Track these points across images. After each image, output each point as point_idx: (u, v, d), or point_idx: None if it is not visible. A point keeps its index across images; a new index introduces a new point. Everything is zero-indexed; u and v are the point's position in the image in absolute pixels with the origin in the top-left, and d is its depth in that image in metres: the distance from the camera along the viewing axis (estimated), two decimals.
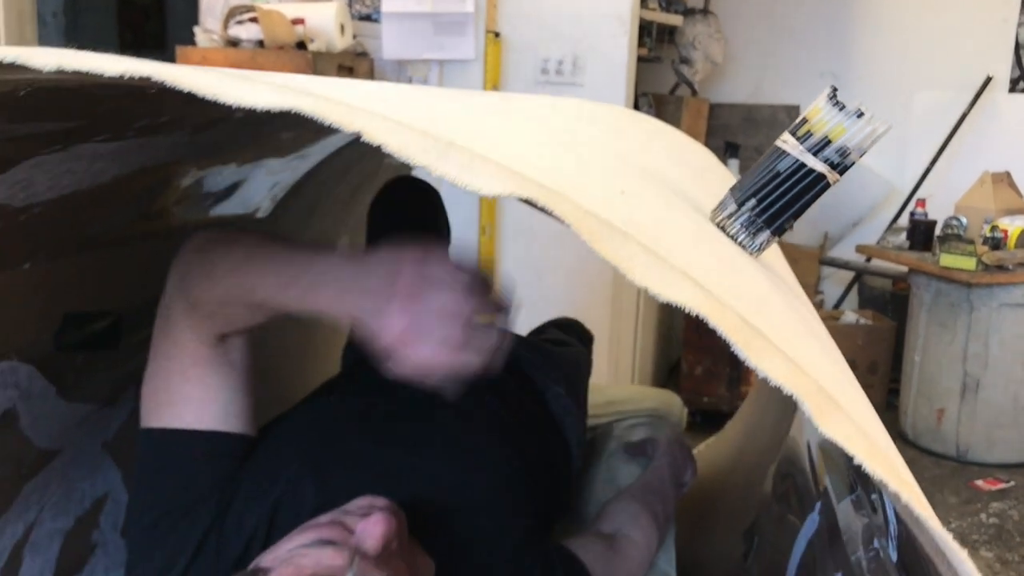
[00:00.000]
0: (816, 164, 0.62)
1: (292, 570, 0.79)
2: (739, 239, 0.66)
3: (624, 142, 0.97)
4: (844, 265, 3.89)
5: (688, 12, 3.84)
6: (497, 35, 3.02)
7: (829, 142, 0.61)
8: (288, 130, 1.29)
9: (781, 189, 0.64)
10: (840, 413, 0.41)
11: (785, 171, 0.63)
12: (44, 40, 5.41)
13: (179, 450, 0.99)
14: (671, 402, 2.10)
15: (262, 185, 1.44)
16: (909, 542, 0.77)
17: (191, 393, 0.99)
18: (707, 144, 4.12)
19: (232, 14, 2.81)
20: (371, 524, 0.81)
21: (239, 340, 0.99)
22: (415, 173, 1.61)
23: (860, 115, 0.61)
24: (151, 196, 1.21)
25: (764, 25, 4.24)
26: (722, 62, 3.98)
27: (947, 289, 3.17)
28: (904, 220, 3.58)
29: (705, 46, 3.86)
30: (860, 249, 3.56)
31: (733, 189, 0.68)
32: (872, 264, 3.76)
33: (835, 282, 4.20)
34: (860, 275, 3.94)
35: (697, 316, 0.40)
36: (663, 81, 4.10)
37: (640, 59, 3.54)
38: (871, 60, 4.12)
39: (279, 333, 1.51)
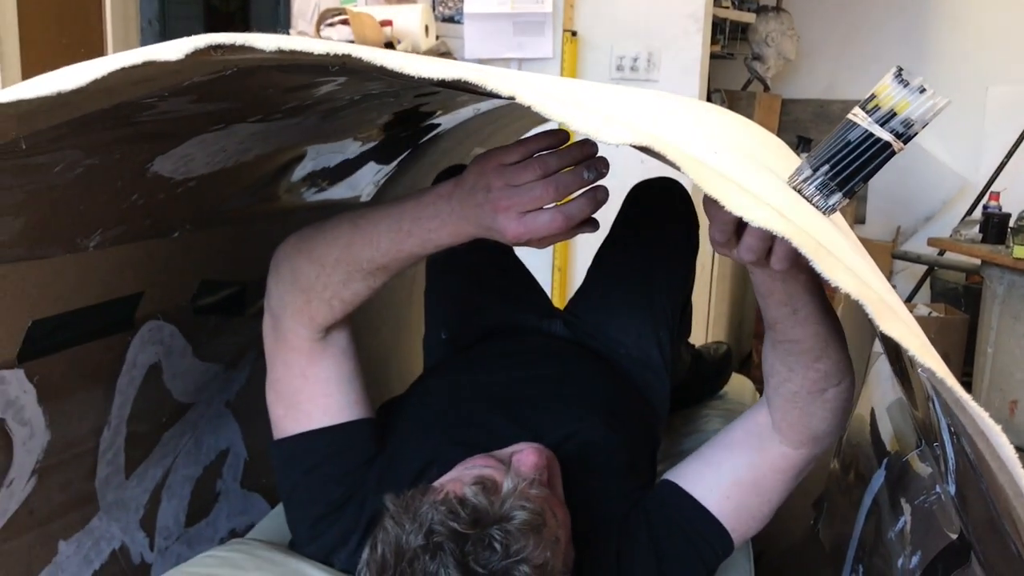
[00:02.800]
0: (883, 134, 0.71)
1: (457, 483, 0.88)
2: (813, 200, 0.74)
3: (708, 124, 1.07)
4: (916, 259, 3.90)
5: (761, 9, 3.90)
6: (574, 34, 3.13)
7: (895, 114, 0.70)
8: (403, 127, 1.42)
9: (851, 156, 0.73)
10: (897, 318, 0.51)
11: (855, 140, 0.72)
12: (144, 44, 5.67)
13: (318, 450, 1.07)
14: (743, 389, 2.17)
15: (369, 172, 1.57)
16: (963, 474, 0.86)
17: (315, 391, 1.07)
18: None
19: (324, 17, 2.97)
20: (524, 454, 0.92)
21: (343, 328, 1.08)
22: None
23: (922, 90, 0.70)
24: (273, 180, 1.34)
25: (837, 21, 4.27)
26: (795, 58, 4.03)
27: (1020, 281, 3.18)
28: (978, 213, 3.59)
29: (778, 43, 3.92)
30: (932, 242, 3.57)
31: (808, 157, 0.77)
32: (944, 257, 3.77)
33: (907, 276, 4.22)
34: (932, 269, 3.95)
35: None
36: (736, 77, 4.16)
37: (713, 56, 3.62)
38: (945, 54, 4.12)
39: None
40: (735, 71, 4.10)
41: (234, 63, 0.62)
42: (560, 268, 3.20)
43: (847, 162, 0.74)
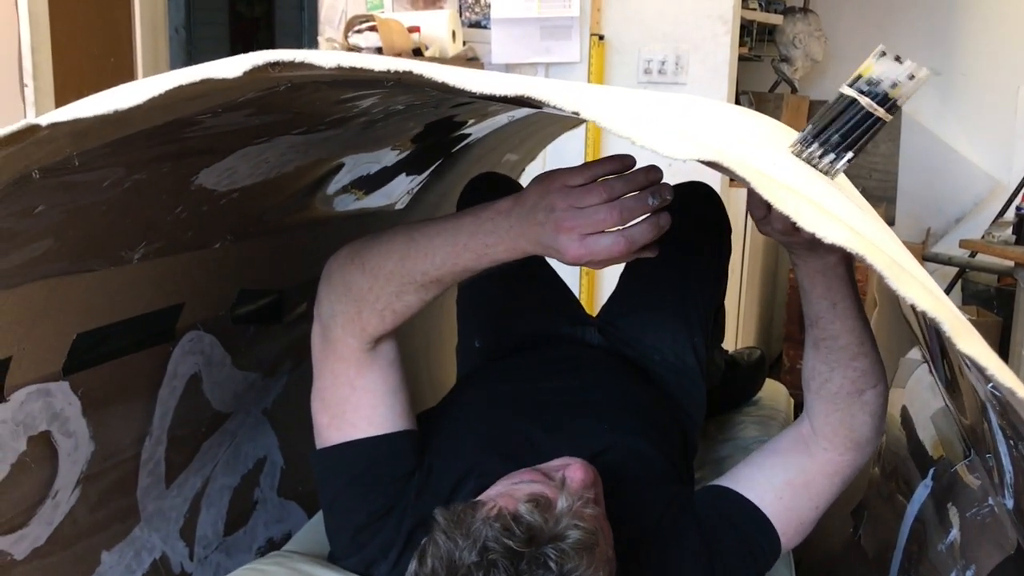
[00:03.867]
0: (884, 115, 0.80)
1: (508, 499, 0.86)
2: (819, 166, 0.79)
3: (755, 130, 1.06)
4: (947, 261, 3.86)
5: (788, 11, 3.88)
6: (601, 38, 3.12)
7: (878, 83, 0.79)
8: (433, 136, 1.42)
9: (847, 124, 0.81)
10: (974, 335, 0.50)
11: (843, 108, 0.81)
12: (171, 51, 5.73)
13: (362, 460, 1.07)
14: (777, 394, 2.16)
15: (403, 181, 1.57)
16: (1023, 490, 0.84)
17: (361, 401, 1.06)
18: None
19: (352, 24, 2.97)
20: (572, 470, 0.91)
21: (391, 340, 1.08)
22: (498, 170, 1.71)
23: (899, 60, 0.80)
24: (311, 190, 1.35)
25: (865, 21, 4.24)
26: (822, 59, 4.00)
27: None
28: (1010, 215, 3.54)
29: (805, 44, 3.89)
30: (964, 244, 3.53)
31: (812, 125, 0.84)
32: (976, 260, 3.72)
33: (938, 279, 4.17)
34: (964, 271, 3.90)
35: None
36: (763, 79, 4.14)
37: (740, 58, 3.59)
38: (975, 54, 4.08)
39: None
40: (763, 73, 4.08)
41: (289, 79, 0.62)
42: (588, 272, 3.18)
43: (844, 129, 0.81)
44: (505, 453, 1.10)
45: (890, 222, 4.19)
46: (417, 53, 2.89)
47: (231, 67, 0.54)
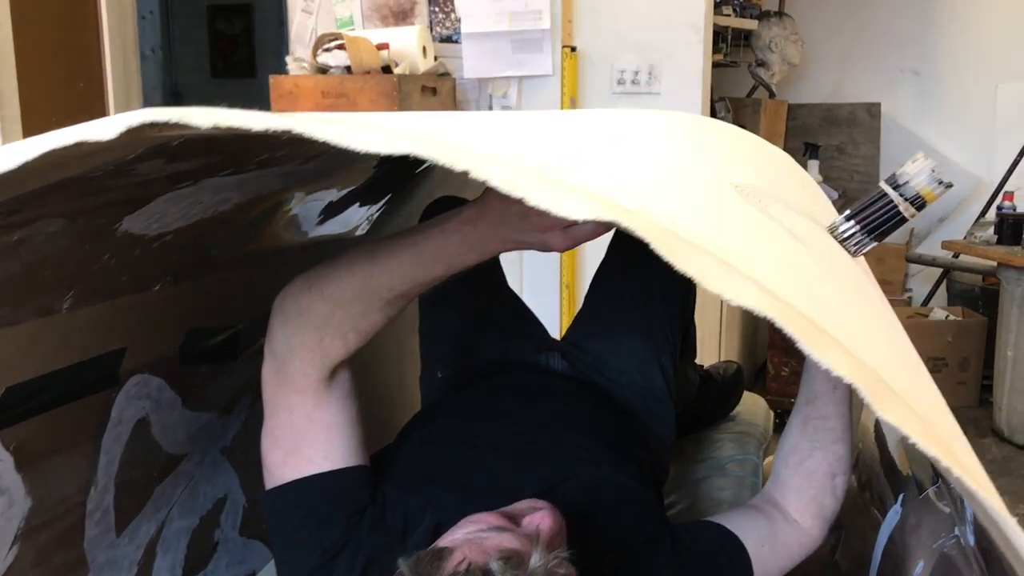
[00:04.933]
0: (907, 211, 0.91)
1: (477, 550, 0.83)
2: (846, 245, 0.91)
3: (705, 153, 1.03)
4: (931, 262, 3.84)
5: (763, 15, 3.86)
6: (573, 49, 3.09)
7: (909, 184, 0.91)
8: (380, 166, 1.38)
9: (876, 213, 0.91)
10: (896, 399, 0.46)
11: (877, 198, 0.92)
12: (145, 72, 5.70)
13: (316, 496, 1.04)
14: (756, 408, 2.12)
15: (358, 211, 1.54)
16: (982, 532, 0.81)
17: (318, 435, 1.04)
18: (786, 145, 4.12)
19: (320, 42, 2.94)
20: (540, 517, 0.88)
21: (347, 369, 1.05)
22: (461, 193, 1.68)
23: (946, 184, 0.90)
24: (264, 220, 1.31)
25: (841, 24, 4.22)
26: (799, 63, 3.98)
27: None
28: (992, 214, 3.53)
29: (781, 48, 3.87)
30: (947, 245, 3.52)
31: (850, 209, 0.94)
32: (960, 260, 3.70)
33: (923, 279, 4.15)
34: (948, 271, 3.88)
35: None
36: (740, 85, 4.12)
37: (716, 65, 3.57)
38: (953, 53, 4.06)
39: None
40: (739, 78, 4.06)
41: (170, 138, 0.58)
42: (568, 285, 3.15)
43: (881, 227, 0.92)
44: (461, 486, 1.08)
45: None
46: (386, 70, 2.86)
47: (105, 129, 0.51)
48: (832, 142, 4.12)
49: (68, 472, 1.11)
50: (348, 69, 2.85)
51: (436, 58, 3.14)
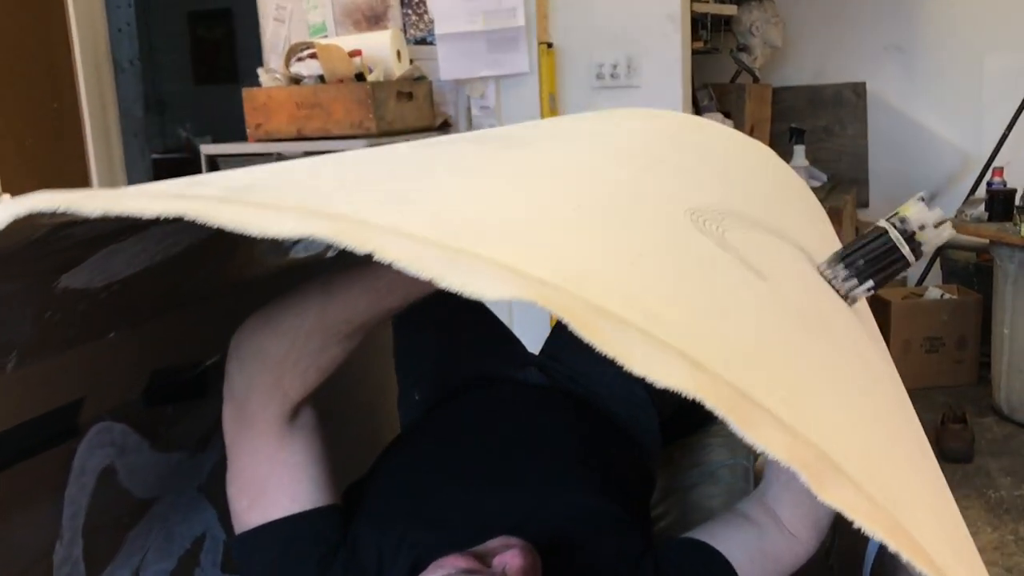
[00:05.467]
0: (909, 255, 0.84)
1: None
2: (841, 289, 0.84)
3: (665, 171, 0.99)
4: None
5: (743, 0, 3.81)
6: (550, 46, 3.05)
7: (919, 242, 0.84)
8: None
9: (874, 253, 0.84)
10: (839, 477, 0.43)
11: (891, 253, 0.84)
12: (124, 85, 5.66)
13: (285, 540, 1.01)
14: None
15: None
16: None
17: (283, 477, 1.01)
18: (772, 130, 4.08)
19: (293, 52, 2.90)
20: (510, 556, 0.86)
21: (310, 405, 1.03)
22: None
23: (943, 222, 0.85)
24: (236, 251, 1.28)
25: (822, 4, 4.17)
26: (782, 45, 3.94)
27: None
28: (982, 191, 3.49)
29: (763, 32, 3.82)
30: None
31: (844, 247, 0.87)
32: (952, 238, 3.66)
33: None
34: (941, 249, 3.85)
35: None
36: (723, 71, 4.07)
37: (697, 52, 3.53)
38: (936, 27, 4.01)
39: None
40: (722, 65, 4.01)
41: (59, 223, 0.55)
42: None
43: (879, 268, 0.84)
44: (435, 521, 1.05)
45: (863, 204, 4.13)
46: (360, 78, 2.82)
47: None
48: (819, 124, 4.08)
49: (30, 527, 1.08)
50: (321, 79, 2.81)
51: (412, 61, 3.10)
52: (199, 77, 8.09)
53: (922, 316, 3.60)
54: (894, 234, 0.83)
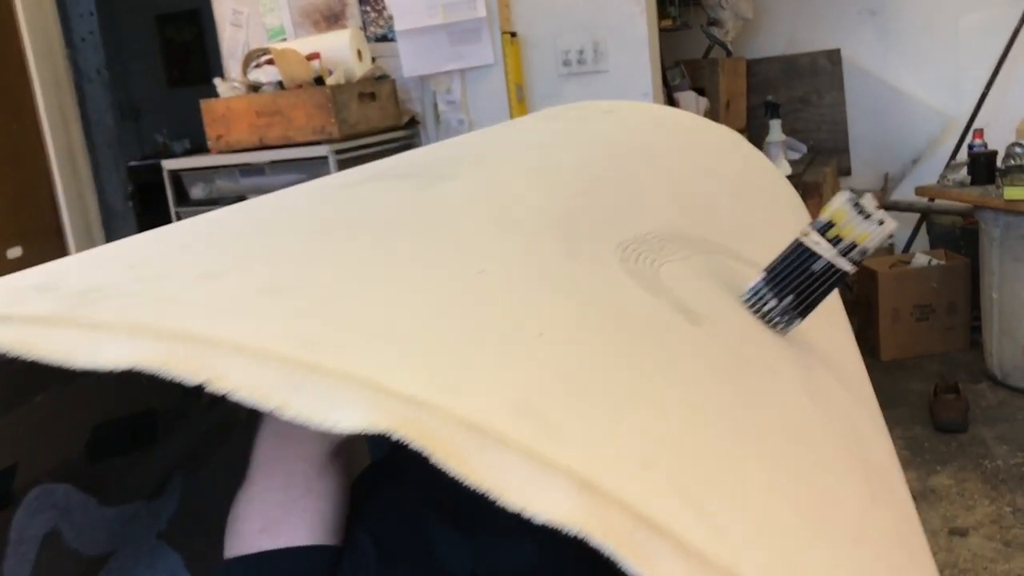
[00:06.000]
0: (846, 265, 0.71)
1: None
2: (772, 321, 0.74)
3: (602, 201, 0.94)
4: (908, 208, 3.75)
5: None
6: (514, 35, 2.98)
7: (855, 245, 0.70)
8: None
9: (815, 284, 0.73)
10: None
11: (819, 271, 0.72)
12: (93, 95, 5.58)
13: (295, 569, 0.97)
14: None
15: None
16: None
17: (312, 506, 0.96)
18: (749, 103, 4.01)
19: (249, 59, 2.83)
20: None
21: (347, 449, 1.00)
22: None
23: (882, 222, 0.70)
24: None
25: None
26: (753, 17, 3.86)
27: (1016, 222, 3.03)
28: (964, 154, 3.43)
29: (733, 4, 3.75)
30: (920, 191, 3.42)
31: (768, 281, 0.74)
32: (937, 203, 3.61)
33: (903, 223, 4.05)
34: (926, 215, 3.79)
35: None
36: (696, 47, 4.00)
37: (667, 30, 3.46)
38: None
39: None
40: (694, 41, 3.94)
41: None
42: None
43: (810, 291, 0.73)
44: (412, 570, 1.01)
45: (845, 172, 4.08)
46: (320, 81, 2.75)
47: None
48: (795, 94, 4.01)
49: None
50: (281, 84, 2.74)
51: (374, 60, 3.03)
52: (172, 80, 8.01)
53: (910, 284, 3.55)
54: (815, 242, 0.70)
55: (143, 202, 5.54)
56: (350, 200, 0.72)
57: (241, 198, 2.82)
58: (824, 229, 0.71)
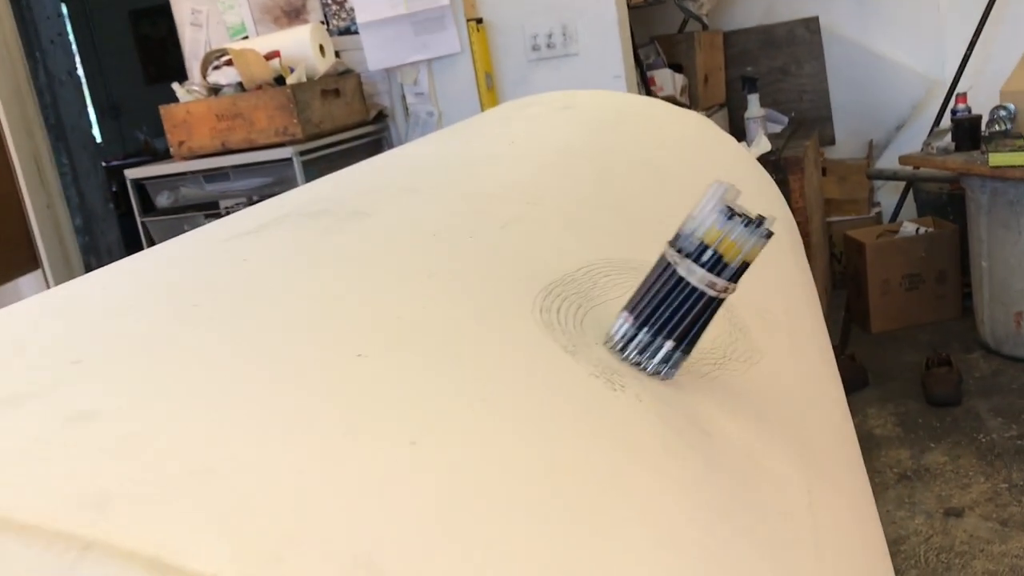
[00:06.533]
0: (727, 288, 0.57)
1: None
2: (648, 367, 0.61)
3: (532, 231, 0.88)
4: (892, 176, 3.68)
5: None
6: (480, 22, 2.90)
7: (746, 264, 0.57)
8: None
9: (693, 317, 0.59)
10: None
11: (699, 304, 0.58)
12: (64, 98, 5.48)
13: None
14: None
15: None
16: None
17: None
18: (727, 76, 3.93)
19: (208, 61, 2.75)
20: None
21: None
22: None
23: (760, 223, 0.56)
24: None
25: None
26: None
27: (1003, 188, 2.96)
28: (948, 120, 3.35)
29: None
30: (904, 160, 3.35)
31: (635, 318, 0.61)
32: (922, 171, 3.54)
33: (889, 191, 3.99)
34: (912, 183, 3.72)
35: None
36: (671, 22, 3.91)
37: (639, 7, 3.38)
38: None
39: None
40: (669, 15, 3.85)
41: None
42: None
43: (689, 325, 0.59)
44: None
45: (829, 142, 4.00)
46: (280, 81, 2.67)
47: None
48: (775, 64, 3.93)
49: None
50: (240, 86, 2.66)
51: (337, 54, 2.95)
52: (150, 76, 7.91)
53: (898, 254, 3.49)
54: (675, 260, 0.56)
55: (127, 202, 5.47)
56: (233, 262, 0.65)
57: (208, 205, 2.76)
58: (698, 254, 0.57)
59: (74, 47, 6.45)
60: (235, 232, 0.77)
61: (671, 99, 3.16)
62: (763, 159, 3.06)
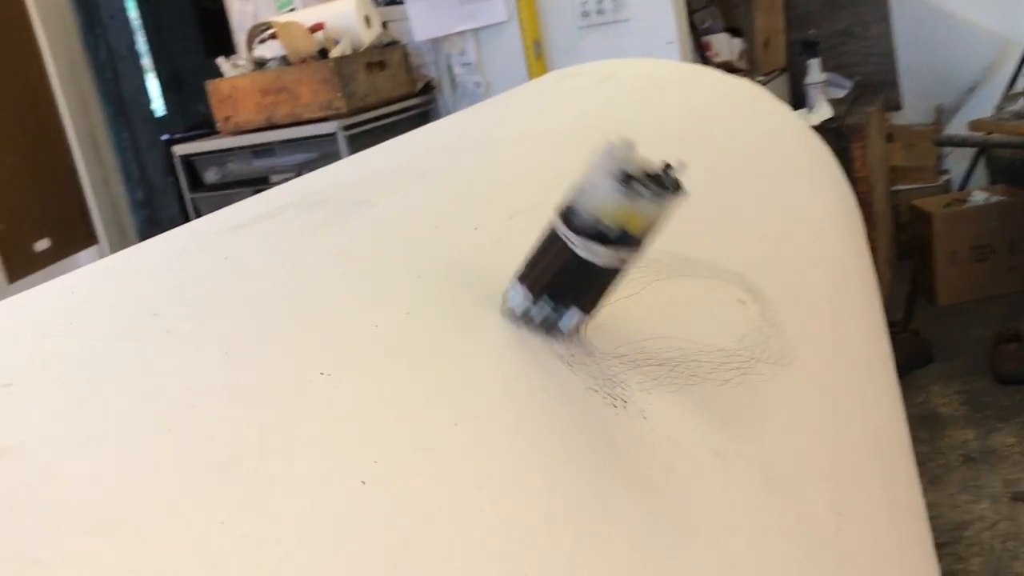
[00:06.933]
0: (629, 258, 0.52)
1: None
2: (548, 329, 0.56)
3: (530, 235, 0.82)
4: (962, 143, 3.51)
5: None
6: None
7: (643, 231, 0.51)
8: None
9: (597, 285, 0.54)
10: None
11: (604, 275, 0.53)
12: (124, 73, 5.55)
13: None
14: None
15: None
16: None
17: None
18: (788, 39, 3.78)
19: (253, 35, 2.73)
20: None
21: None
22: None
23: (678, 188, 0.49)
24: None
25: None
26: None
27: None
28: (1021, 83, 3.18)
29: None
30: (975, 125, 3.19)
31: (525, 282, 0.56)
32: (993, 137, 3.37)
33: (959, 157, 3.81)
34: (984, 149, 3.55)
35: None
36: None
37: None
38: None
39: None
40: None
41: None
42: None
43: (595, 294, 0.54)
44: None
45: (895, 107, 3.84)
46: (323, 54, 2.64)
47: None
48: (838, 27, 3.77)
49: None
50: (284, 60, 2.64)
51: (384, 25, 2.90)
52: (209, 50, 7.97)
53: (967, 224, 3.34)
54: (572, 240, 0.51)
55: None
56: (215, 260, 0.61)
57: (256, 180, 2.74)
58: (592, 228, 0.51)
59: (138, 22, 6.52)
60: (229, 225, 0.73)
61: (727, 65, 3.04)
62: (824, 127, 2.94)
